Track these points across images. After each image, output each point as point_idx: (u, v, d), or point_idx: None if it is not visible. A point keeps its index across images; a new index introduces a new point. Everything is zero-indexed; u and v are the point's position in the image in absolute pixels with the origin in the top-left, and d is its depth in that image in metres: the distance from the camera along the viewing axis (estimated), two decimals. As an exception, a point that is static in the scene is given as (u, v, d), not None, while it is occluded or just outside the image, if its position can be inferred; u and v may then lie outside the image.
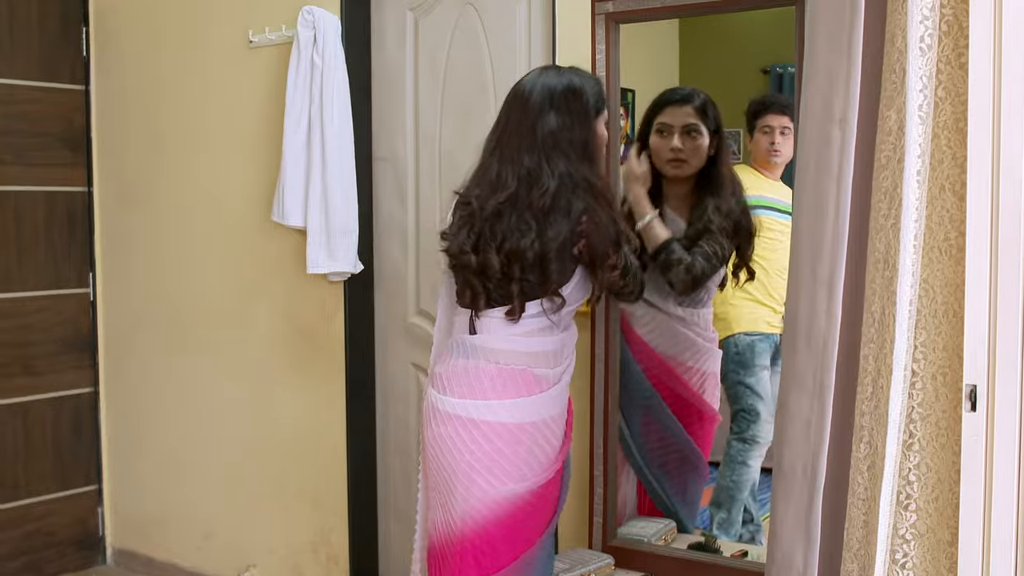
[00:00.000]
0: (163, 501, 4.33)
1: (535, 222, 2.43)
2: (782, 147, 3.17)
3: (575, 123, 2.51)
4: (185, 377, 4.19)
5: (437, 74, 3.51)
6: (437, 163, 3.53)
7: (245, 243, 3.92)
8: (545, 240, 2.43)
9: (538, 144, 2.48)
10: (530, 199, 2.44)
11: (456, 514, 2.51)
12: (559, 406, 2.57)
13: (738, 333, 3.12)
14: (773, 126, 3.16)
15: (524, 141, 2.49)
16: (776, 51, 3.35)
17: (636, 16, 2.89)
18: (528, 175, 2.46)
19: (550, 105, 2.51)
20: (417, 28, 3.55)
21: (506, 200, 2.46)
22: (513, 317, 2.50)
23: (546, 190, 2.43)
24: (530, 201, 2.44)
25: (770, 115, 3.17)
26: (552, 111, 2.50)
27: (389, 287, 3.72)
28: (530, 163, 2.47)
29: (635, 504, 3.13)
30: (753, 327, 3.12)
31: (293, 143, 3.52)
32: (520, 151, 2.49)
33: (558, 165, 2.46)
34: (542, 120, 2.49)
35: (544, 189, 2.43)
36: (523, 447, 2.50)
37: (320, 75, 3.46)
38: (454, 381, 2.55)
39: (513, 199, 2.46)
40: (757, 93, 3.35)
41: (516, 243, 2.44)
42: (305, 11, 3.49)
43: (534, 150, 2.48)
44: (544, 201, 2.43)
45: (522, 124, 2.52)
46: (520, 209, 2.45)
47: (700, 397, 3.08)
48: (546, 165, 2.46)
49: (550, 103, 2.51)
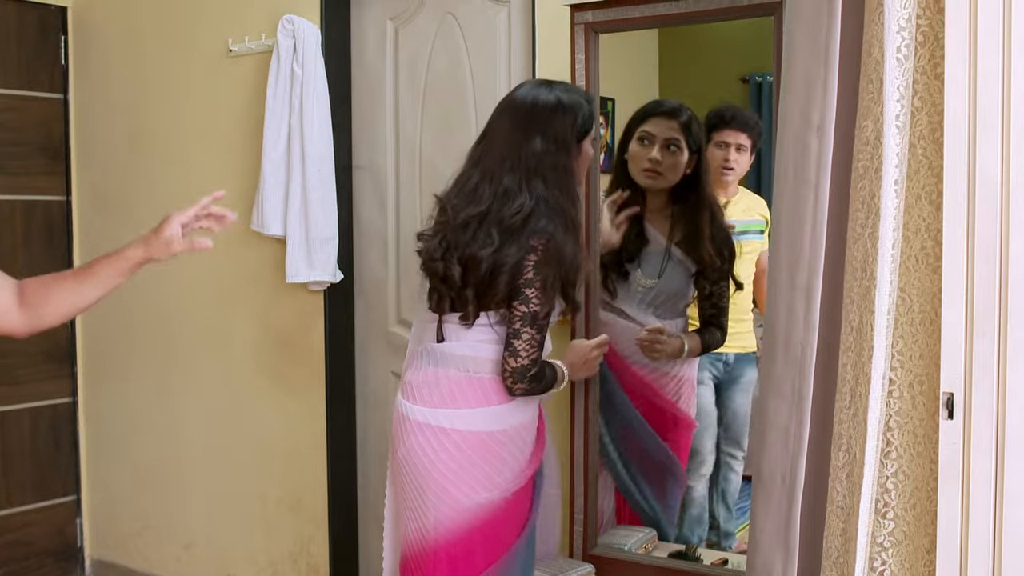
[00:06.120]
0: (142, 512, 4.30)
1: (499, 237, 2.44)
2: (735, 164, 3.18)
3: (559, 148, 2.51)
4: (164, 386, 4.17)
5: (417, 83, 3.51)
6: (417, 172, 3.53)
7: (224, 252, 3.90)
8: (503, 255, 2.43)
9: (520, 164, 2.49)
10: (501, 215, 2.45)
11: (429, 524, 2.51)
12: (529, 413, 2.58)
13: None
14: (729, 142, 3.17)
15: (507, 159, 2.50)
16: (755, 60, 3.38)
17: (615, 26, 2.89)
18: (504, 193, 2.47)
19: (537, 126, 2.51)
20: (397, 37, 3.55)
21: (477, 214, 2.47)
22: (466, 322, 2.51)
23: (520, 209, 2.44)
24: (501, 217, 2.45)
25: (727, 130, 3.17)
26: (538, 133, 2.50)
27: (369, 296, 3.71)
28: (509, 182, 2.47)
29: (614, 513, 3.14)
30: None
31: (272, 152, 3.51)
32: (502, 168, 2.49)
33: (536, 187, 2.47)
34: (527, 140, 2.50)
35: (519, 208, 2.44)
36: (494, 455, 2.51)
37: (300, 84, 3.45)
38: (424, 390, 2.56)
39: (484, 215, 2.47)
40: (735, 101, 3.37)
41: (475, 252, 2.45)
42: (285, 20, 3.48)
43: (516, 170, 2.48)
44: (515, 220, 2.44)
45: (507, 141, 2.52)
46: (489, 224, 2.46)
47: (675, 405, 3.10)
48: (525, 186, 2.47)
49: (537, 123, 2.51)
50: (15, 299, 2.25)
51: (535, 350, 2.45)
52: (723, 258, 3.02)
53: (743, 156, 3.20)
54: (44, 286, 2.28)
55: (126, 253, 2.32)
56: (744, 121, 3.20)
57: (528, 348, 2.44)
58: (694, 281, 3.05)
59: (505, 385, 2.48)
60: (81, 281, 2.30)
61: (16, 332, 2.27)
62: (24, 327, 2.27)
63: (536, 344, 2.45)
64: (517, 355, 2.44)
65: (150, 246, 2.30)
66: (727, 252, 3.03)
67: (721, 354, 3.16)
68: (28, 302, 2.25)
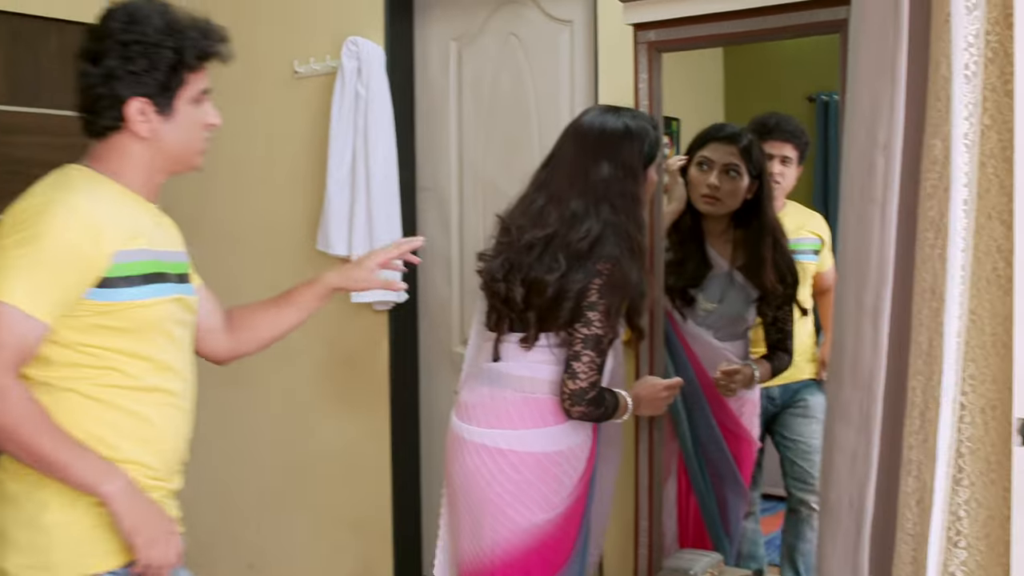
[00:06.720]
0: (206, 531, 4.33)
1: (566, 261, 2.43)
2: (780, 178, 3.11)
3: (627, 174, 2.50)
4: (229, 405, 4.20)
5: (480, 103, 3.52)
6: (480, 192, 3.54)
7: (291, 272, 3.93)
8: (569, 280, 2.42)
9: (588, 189, 2.48)
10: (568, 239, 2.44)
11: (486, 545, 2.50)
12: (584, 434, 2.56)
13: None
14: (773, 154, 3.10)
15: (575, 184, 2.49)
16: (822, 79, 3.33)
17: (678, 45, 2.86)
18: (572, 217, 2.46)
19: (605, 151, 2.50)
20: (460, 58, 3.57)
21: (543, 237, 2.46)
22: (527, 345, 2.50)
23: (587, 234, 2.43)
24: (568, 241, 2.44)
25: (771, 141, 3.10)
26: (606, 159, 2.49)
27: (434, 316, 3.72)
28: (576, 207, 2.46)
29: (676, 535, 3.09)
30: None
31: (337, 173, 3.54)
32: (569, 192, 2.49)
33: (604, 212, 2.45)
34: (595, 166, 2.49)
35: (586, 233, 2.43)
36: (551, 476, 2.49)
37: (364, 105, 3.48)
38: (479, 409, 2.55)
39: (550, 237, 2.46)
40: (804, 121, 3.30)
41: (540, 276, 2.44)
42: (350, 42, 3.51)
43: (583, 195, 2.47)
44: (583, 245, 2.43)
45: (575, 167, 2.52)
46: (555, 247, 2.45)
47: (738, 420, 3.05)
48: (593, 211, 2.45)
49: (605, 149, 2.50)
50: (223, 322, 2.33)
51: (595, 373, 2.43)
52: (786, 284, 2.97)
53: (789, 168, 3.12)
54: (249, 311, 2.38)
55: (325, 279, 2.39)
56: (789, 130, 3.11)
57: (587, 371, 2.42)
58: (756, 307, 3.00)
59: (563, 407, 2.46)
60: (281, 307, 2.39)
61: (219, 356, 2.37)
62: (227, 352, 2.37)
63: (596, 367, 2.43)
64: (576, 377, 2.42)
65: (347, 277, 2.40)
66: (791, 278, 2.98)
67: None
68: (233, 326, 2.34)
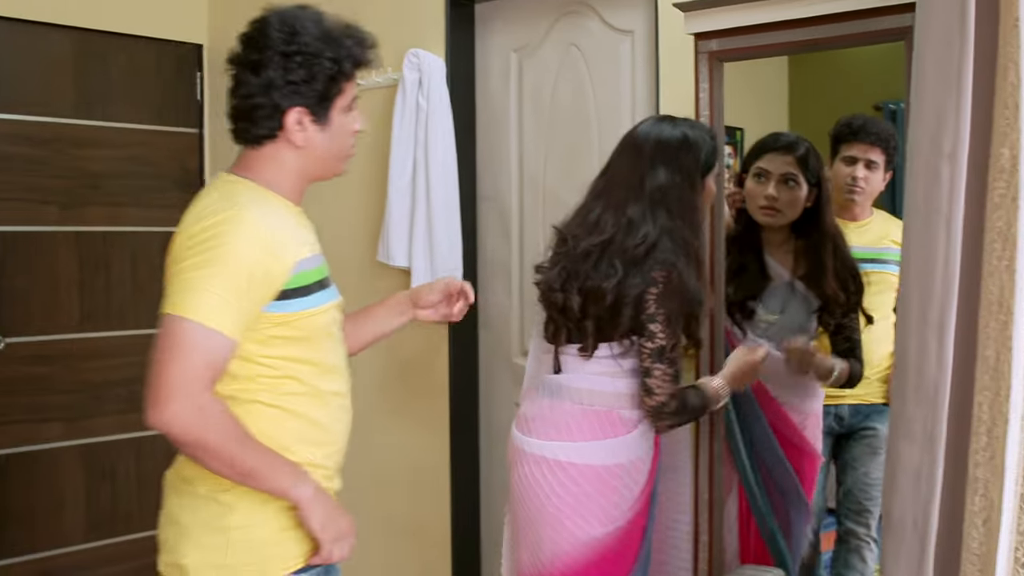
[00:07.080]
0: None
1: (623, 268, 2.41)
2: (864, 184, 3.01)
3: (684, 181, 2.48)
4: (293, 415, 4.23)
5: (541, 114, 3.51)
6: (541, 202, 3.53)
7: (352, 283, 3.92)
8: (626, 286, 2.40)
9: (645, 195, 2.46)
10: (624, 245, 2.42)
11: (545, 557, 2.48)
12: (645, 447, 2.53)
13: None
14: (857, 157, 3.01)
15: (632, 192, 2.48)
16: (889, 87, 3.24)
17: (740, 54, 2.81)
18: (628, 223, 2.44)
19: (662, 159, 2.48)
20: (521, 69, 3.56)
21: (599, 243, 2.45)
22: (585, 354, 2.48)
23: (644, 239, 2.41)
24: (624, 247, 2.42)
25: (856, 143, 3.01)
26: (663, 165, 2.47)
27: (494, 326, 3.72)
28: (633, 213, 2.45)
29: (737, 551, 3.04)
30: None
31: (398, 183, 3.55)
32: (626, 199, 2.47)
33: (660, 218, 2.44)
34: (652, 173, 2.47)
35: (642, 239, 2.41)
36: (611, 489, 2.46)
37: (425, 117, 3.49)
38: (538, 421, 2.54)
39: (607, 244, 2.45)
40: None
41: (597, 283, 2.43)
42: (411, 54, 3.52)
43: (640, 201, 2.46)
44: (639, 251, 2.41)
45: (631, 174, 2.50)
46: (611, 254, 2.43)
47: (801, 434, 2.98)
48: (649, 216, 2.44)
49: (662, 157, 2.48)
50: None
51: (670, 383, 2.42)
52: (848, 292, 2.89)
53: (875, 174, 3.01)
54: (360, 313, 2.44)
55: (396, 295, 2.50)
56: (875, 133, 2.99)
57: (661, 384, 2.41)
58: (817, 316, 2.94)
59: (652, 426, 2.47)
60: (359, 321, 2.42)
61: None
62: None
63: (669, 378, 2.42)
64: (652, 393, 2.42)
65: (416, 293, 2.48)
66: (854, 285, 2.91)
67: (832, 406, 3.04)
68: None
